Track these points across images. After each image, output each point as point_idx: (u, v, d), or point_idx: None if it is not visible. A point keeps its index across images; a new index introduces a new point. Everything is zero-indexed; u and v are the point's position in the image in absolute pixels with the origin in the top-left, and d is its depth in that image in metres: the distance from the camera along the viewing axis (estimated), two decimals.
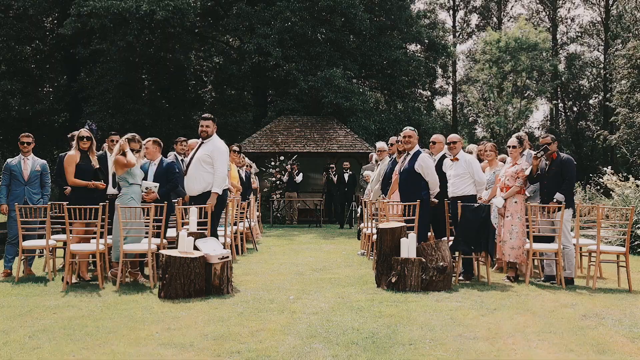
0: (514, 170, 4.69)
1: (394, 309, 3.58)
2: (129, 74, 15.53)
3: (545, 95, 21.47)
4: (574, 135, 24.61)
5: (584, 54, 25.32)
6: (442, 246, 4.28)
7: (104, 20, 13.51)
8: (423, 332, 3.04)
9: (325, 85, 14.03)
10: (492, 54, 18.89)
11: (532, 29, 19.46)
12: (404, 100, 17.54)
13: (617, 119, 16.28)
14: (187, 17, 14.13)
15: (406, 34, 17.16)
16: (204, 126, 4.90)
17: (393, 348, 2.75)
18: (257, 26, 14.69)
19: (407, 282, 4.13)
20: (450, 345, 2.83)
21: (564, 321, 3.33)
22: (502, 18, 26.33)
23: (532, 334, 3.04)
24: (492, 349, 2.78)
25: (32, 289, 4.27)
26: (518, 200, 4.66)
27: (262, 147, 13.01)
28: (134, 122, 14.95)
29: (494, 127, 19.48)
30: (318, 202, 11.35)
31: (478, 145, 5.85)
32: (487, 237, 4.52)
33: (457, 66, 25.27)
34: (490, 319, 3.36)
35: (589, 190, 8.81)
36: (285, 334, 3.00)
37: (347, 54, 15.75)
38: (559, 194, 4.51)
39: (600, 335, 3.03)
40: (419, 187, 4.74)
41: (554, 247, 4.49)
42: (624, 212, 4.72)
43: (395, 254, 4.25)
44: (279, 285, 4.38)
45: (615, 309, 3.69)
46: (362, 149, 12.79)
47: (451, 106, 25.86)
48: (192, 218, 4.46)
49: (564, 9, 26.88)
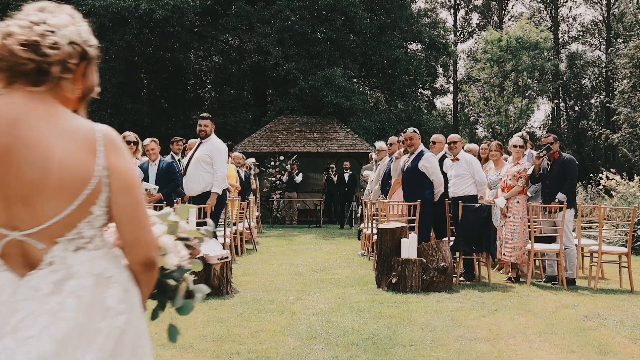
0: (516, 170, 4.66)
1: (395, 309, 3.56)
2: (127, 73, 15.49)
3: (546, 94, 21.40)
4: (576, 135, 24.55)
5: (585, 53, 25.25)
6: (443, 246, 4.26)
7: (103, 19, 13.47)
8: (424, 333, 3.03)
9: (326, 85, 14.00)
10: (493, 53, 18.83)
11: (534, 28, 19.39)
12: (404, 100, 17.51)
13: (619, 118, 16.23)
14: (186, 16, 14.11)
15: (407, 33, 17.12)
16: (203, 125, 4.88)
17: (393, 349, 2.74)
18: (257, 25, 14.66)
19: (408, 282, 4.11)
20: (451, 346, 2.81)
21: (566, 322, 3.31)
22: (503, 17, 26.27)
23: (533, 335, 3.02)
24: (493, 350, 2.76)
25: None
26: (520, 200, 4.63)
27: (261, 147, 12.99)
28: (133, 121, 14.90)
29: (495, 127, 19.43)
30: (318, 202, 11.32)
31: (480, 145, 5.81)
32: (488, 237, 4.49)
33: (458, 65, 25.21)
34: (491, 320, 3.34)
35: (590, 190, 8.77)
36: (285, 334, 2.98)
37: (347, 53, 15.71)
38: (561, 194, 4.48)
39: (601, 336, 3.01)
40: (422, 186, 4.72)
41: (556, 247, 4.46)
42: (626, 212, 4.69)
43: (396, 255, 4.23)
44: (279, 286, 4.36)
45: (617, 309, 3.67)
46: (363, 149, 12.76)
47: (452, 106, 25.83)
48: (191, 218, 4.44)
49: (566, 7, 26.79)
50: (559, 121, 25.80)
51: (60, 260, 0.87)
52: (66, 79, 0.90)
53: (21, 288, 0.85)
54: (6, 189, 0.85)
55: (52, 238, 0.87)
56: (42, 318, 0.83)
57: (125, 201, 0.90)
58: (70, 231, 0.88)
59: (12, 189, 0.85)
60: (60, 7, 0.95)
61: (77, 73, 0.92)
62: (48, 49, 0.87)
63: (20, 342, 0.81)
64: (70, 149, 0.87)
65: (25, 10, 0.91)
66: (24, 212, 0.86)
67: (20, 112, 0.86)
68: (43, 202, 0.86)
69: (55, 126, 0.87)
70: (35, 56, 0.86)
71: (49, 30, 0.88)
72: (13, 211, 0.86)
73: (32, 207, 0.86)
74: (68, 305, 0.84)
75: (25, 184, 0.85)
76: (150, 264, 0.94)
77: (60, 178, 0.86)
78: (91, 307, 0.86)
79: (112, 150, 0.90)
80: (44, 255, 0.88)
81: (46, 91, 0.89)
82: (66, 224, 0.87)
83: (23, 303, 0.84)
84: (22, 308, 0.84)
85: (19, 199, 0.86)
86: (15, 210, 0.86)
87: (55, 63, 0.88)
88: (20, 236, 0.87)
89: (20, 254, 0.88)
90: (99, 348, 0.85)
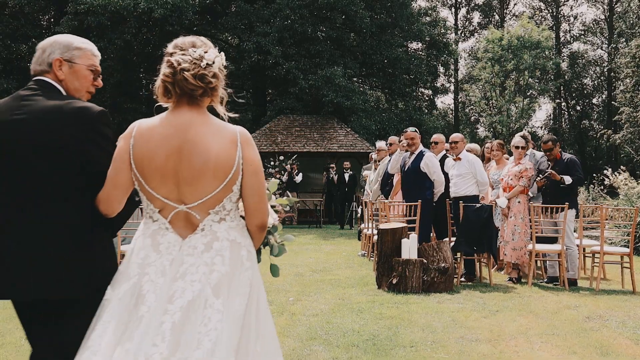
0: (518, 170, 4.63)
1: (395, 310, 3.54)
2: (126, 72, 15.46)
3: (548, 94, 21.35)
4: (577, 134, 24.48)
5: (587, 52, 25.16)
6: (444, 247, 4.24)
7: (101, 18, 13.45)
8: (424, 334, 3.01)
9: (326, 84, 13.97)
10: (494, 52, 18.77)
11: (535, 27, 19.32)
12: (405, 99, 17.46)
13: (621, 118, 16.16)
14: (185, 15, 14.07)
15: (407, 31, 17.06)
16: None
17: (394, 350, 2.72)
18: (256, 24, 14.63)
19: (408, 283, 4.09)
20: (452, 347, 2.79)
21: (567, 323, 3.29)
22: (505, 16, 26.18)
23: (534, 336, 3.00)
24: (494, 351, 2.75)
25: None
26: (521, 200, 4.60)
27: (261, 147, 12.96)
28: (132, 121, 14.79)
29: (496, 127, 19.38)
30: (318, 202, 11.30)
31: (485, 145, 5.77)
32: (489, 237, 4.46)
33: (459, 65, 25.15)
34: (493, 321, 3.32)
35: (592, 190, 8.72)
36: (284, 336, 2.96)
37: (347, 52, 15.67)
38: (568, 177, 4.40)
39: (603, 337, 2.99)
40: (423, 187, 4.70)
41: (557, 248, 4.44)
42: (628, 213, 4.66)
43: (396, 255, 4.21)
44: (279, 287, 4.34)
45: (619, 310, 3.65)
46: (363, 149, 12.74)
47: (453, 105, 25.77)
48: None
49: (567, 6, 26.68)
50: (561, 121, 25.73)
51: (209, 227, 1.25)
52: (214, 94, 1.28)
53: (184, 246, 1.23)
54: (178, 175, 1.23)
55: (206, 210, 1.25)
56: (201, 268, 1.20)
57: (253, 182, 1.28)
58: (217, 205, 1.25)
59: (182, 175, 1.23)
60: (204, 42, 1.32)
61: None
62: (211, 78, 1.25)
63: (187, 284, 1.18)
64: (220, 145, 1.24)
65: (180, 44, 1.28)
66: (189, 191, 1.23)
67: (187, 121, 1.25)
68: (203, 183, 1.23)
69: (210, 128, 1.25)
70: (203, 84, 1.24)
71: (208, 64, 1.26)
72: (181, 190, 1.24)
73: (195, 187, 1.23)
74: (216, 261, 1.22)
75: (191, 171, 1.22)
76: (264, 226, 1.33)
77: (215, 166, 1.23)
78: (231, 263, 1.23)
79: (246, 145, 1.28)
80: (199, 223, 1.25)
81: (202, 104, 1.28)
82: (216, 199, 1.25)
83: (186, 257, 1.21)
84: (186, 261, 1.21)
85: (186, 182, 1.23)
86: (183, 190, 1.24)
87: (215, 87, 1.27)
88: (185, 208, 1.25)
89: (183, 221, 1.26)
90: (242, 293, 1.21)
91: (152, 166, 1.23)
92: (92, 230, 1.30)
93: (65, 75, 1.37)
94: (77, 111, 1.30)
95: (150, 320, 1.14)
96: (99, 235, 1.32)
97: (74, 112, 1.29)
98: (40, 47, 1.39)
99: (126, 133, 1.30)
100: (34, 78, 1.38)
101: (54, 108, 1.30)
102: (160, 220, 1.26)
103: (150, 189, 1.25)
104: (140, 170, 1.25)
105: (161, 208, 1.26)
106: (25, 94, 1.33)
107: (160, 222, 1.26)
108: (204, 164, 1.22)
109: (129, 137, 1.28)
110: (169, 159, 1.22)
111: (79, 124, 1.29)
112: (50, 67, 1.36)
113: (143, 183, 1.25)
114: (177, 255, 1.21)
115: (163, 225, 1.25)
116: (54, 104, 1.30)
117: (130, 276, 1.21)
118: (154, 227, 1.26)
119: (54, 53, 1.37)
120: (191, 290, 1.16)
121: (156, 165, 1.23)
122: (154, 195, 1.25)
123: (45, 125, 1.28)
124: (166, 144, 1.23)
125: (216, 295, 1.17)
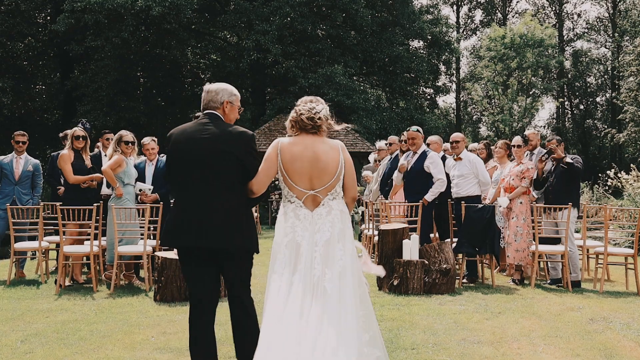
0: (519, 170, 4.57)
1: (396, 312, 3.50)
2: (123, 71, 15.34)
3: (551, 92, 21.22)
4: (581, 134, 24.35)
5: (590, 50, 24.98)
6: (446, 248, 4.19)
7: (99, 16, 13.37)
8: (426, 336, 2.98)
9: (326, 83, 13.91)
10: (496, 50, 18.66)
11: (538, 24, 19.18)
12: (406, 98, 17.38)
13: (625, 116, 16.06)
14: (183, 13, 13.99)
15: (408, 30, 16.97)
16: None
17: (395, 352, 2.69)
18: (256, 22, 14.56)
19: (410, 284, 4.04)
20: (454, 349, 2.76)
21: (571, 325, 3.25)
22: (507, 14, 26.03)
23: (537, 338, 2.97)
24: (496, 354, 2.72)
25: (24, 292, 4.20)
26: (523, 201, 4.55)
27: (260, 146, 12.92)
28: (129, 120, 14.76)
29: (499, 126, 19.28)
30: None
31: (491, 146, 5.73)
32: (492, 238, 4.41)
33: (460, 63, 25.03)
34: (495, 323, 3.28)
35: (597, 191, 8.63)
36: None
37: (348, 51, 15.60)
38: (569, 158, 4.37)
39: (607, 340, 2.96)
40: (426, 187, 4.65)
41: (560, 249, 4.38)
42: (632, 213, 4.60)
43: (397, 256, 4.17)
44: None
45: (623, 312, 3.60)
46: (364, 148, 12.68)
47: (455, 104, 25.66)
48: None
49: (570, 4, 26.52)
50: (564, 120, 25.60)
51: (327, 203, 2.11)
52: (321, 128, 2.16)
53: (314, 215, 2.10)
54: (311, 173, 2.10)
55: (325, 193, 2.11)
56: (326, 225, 2.08)
57: (349, 173, 2.16)
58: (332, 190, 2.12)
59: (315, 173, 2.10)
60: (318, 99, 2.21)
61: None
62: (317, 120, 2.12)
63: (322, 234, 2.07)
64: (332, 154, 2.12)
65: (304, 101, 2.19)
66: (316, 182, 2.10)
67: (310, 142, 2.12)
68: (324, 177, 2.10)
69: (325, 144, 2.13)
70: (312, 123, 2.12)
71: (317, 112, 2.13)
72: (312, 182, 2.10)
73: (320, 179, 2.10)
74: (335, 221, 2.09)
75: (319, 170, 2.09)
76: (355, 198, 2.21)
77: (332, 167, 2.11)
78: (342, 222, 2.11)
79: (344, 152, 2.16)
80: (321, 201, 2.11)
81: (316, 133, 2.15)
82: (331, 186, 2.11)
83: (317, 219, 2.09)
84: (317, 222, 2.09)
85: (315, 177, 2.10)
86: (313, 182, 2.10)
87: (321, 125, 2.14)
88: (314, 192, 2.11)
89: (311, 201, 2.11)
90: (350, 240, 2.11)
91: (294, 168, 2.08)
92: (247, 207, 2.20)
93: (228, 111, 2.25)
94: (240, 133, 2.18)
95: (307, 255, 2.03)
96: (250, 211, 2.23)
97: (238, 134, 2.17)
98: (213, 90, 2.24)
99: (273, 145, 2.13)
100: (206, 111, 2.24)
101: (225, 131, 2.17)
102: (296, 202, 2.10)
103: (292, 182, 2.09)
104: (286, 170, 2.09)
105: (298, 194, 2.10)
106: (205, 122, 2.20)
107: (296, 203, 2.10)
108: (326, 166, 2.09)
109: (276, 148, 2.12)
110: (304, 163, 2.08)
111: (242, 142, 2.16)
112: (220, 105, 2.24)
113: (288, 178, 2.10)
114: (311, 220, 2.08)
115: (298, 204, 2.10)
116: (224, 128, 2.19)
117: (287, 233, 2.08)
118: (292, 206, 2.11)
119: (224, 97, 2.24)
120: (325, 236, 2.06)
121: (296, 167, 2.08)
122: (294, 186, 2.10)
123: (222, 142, 2.14)
124: (303, 156, 2.09)
125: (338, 240, 2.07)
